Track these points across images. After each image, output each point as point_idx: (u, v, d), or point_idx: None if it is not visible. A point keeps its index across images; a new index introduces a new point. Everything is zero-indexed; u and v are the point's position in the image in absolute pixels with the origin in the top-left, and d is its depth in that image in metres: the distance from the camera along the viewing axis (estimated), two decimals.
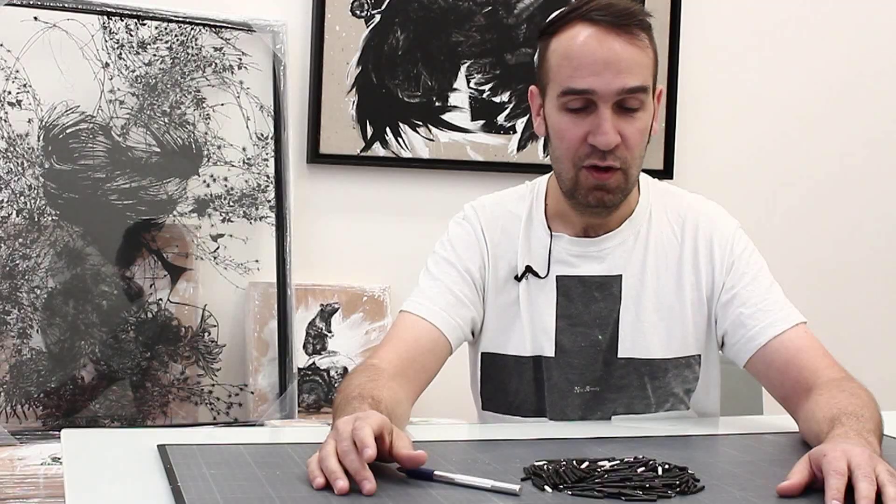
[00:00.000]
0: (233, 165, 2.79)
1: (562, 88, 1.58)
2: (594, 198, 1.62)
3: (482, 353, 1.73)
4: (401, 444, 1.24)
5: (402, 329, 1.65)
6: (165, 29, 2.71)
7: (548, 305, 1.68)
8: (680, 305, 1.69)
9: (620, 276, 1.69)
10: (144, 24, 2.69)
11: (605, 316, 1.68)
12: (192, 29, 2.73)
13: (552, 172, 1.75)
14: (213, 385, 2.76)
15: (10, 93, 2.61)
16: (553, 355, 1.68)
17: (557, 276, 1.69)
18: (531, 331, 1.69)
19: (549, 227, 1.71)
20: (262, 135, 2.81)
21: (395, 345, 1.62)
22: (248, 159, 2.80)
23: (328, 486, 1.17)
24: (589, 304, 1.68)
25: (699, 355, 1.71)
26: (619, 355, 1.68)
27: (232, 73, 2.77)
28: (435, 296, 1.67)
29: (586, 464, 1.29)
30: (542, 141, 3.03)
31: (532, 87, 1.69)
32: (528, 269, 1.70)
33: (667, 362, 1.69)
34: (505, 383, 1.71)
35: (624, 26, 1.57)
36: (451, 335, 1.65)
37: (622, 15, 1.57)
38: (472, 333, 1.72)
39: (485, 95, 3.00)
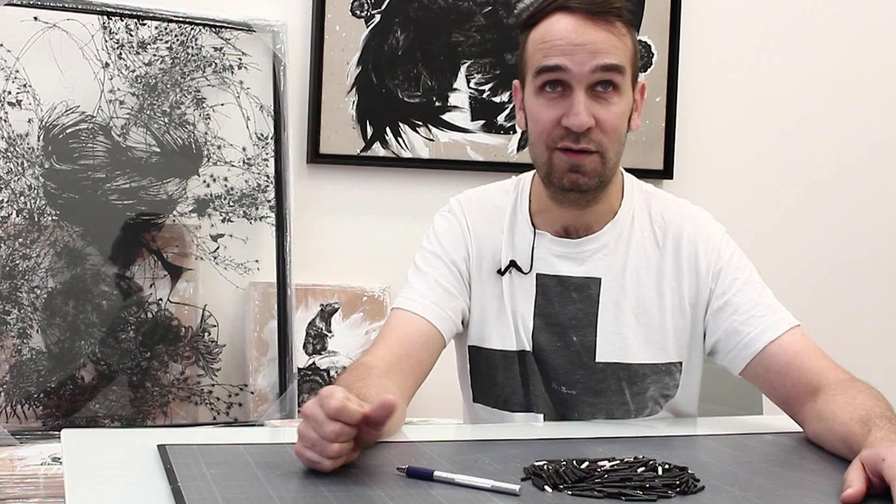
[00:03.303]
0: (233, 165, 2.79)
1: (535, 69, 1.60)
2: (569, 180, 1.60)
3: (469, 347, 1.73)
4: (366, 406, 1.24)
5: (393, 325, 1.65)
6: (165, 29, 2.71)
7: (527, 302, 1.69)
8: (660, 311, 1.68)
9: (600, 279, 1.68)
10: (144, 24, 2.69)
11: (580, 318, 1.68)
12: (192, 29, 2.73)
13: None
14: (213, 385, 2.76)
15: (10, 93, 2.61)
16: (532, 351, 1.68)
17: (538, 274, 1.69)
18: (515, 325, 1.69)
19: (532, 224, 1.71)
20: (262, 135, 2.81)
21: (387, 341, 1.62)
22: (248, 159, 2.80)
23: (334, 472, 1.18)
24: (566, 304, 1.68)
25: (680, 363, 1.70)
26: (598, 359, 1.67)
27: (232, 73, 2.77)
28: (424, 290, 1.67)
29: (586, 464, 1.29)
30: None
31: (514, 82, 1.71)
32: (512, 264, 1.70)
33: (645, 367, 1.68)
34: (492, 377, 1.71)
35: (600, 14, 1.59)
36: (443, 327, 1.65)
37: (598, 3, 1.59)
38: (463, 324, 1.72)
39: (485, 95, 3.00)
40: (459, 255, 1.71)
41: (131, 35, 2.68)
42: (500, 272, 1.70)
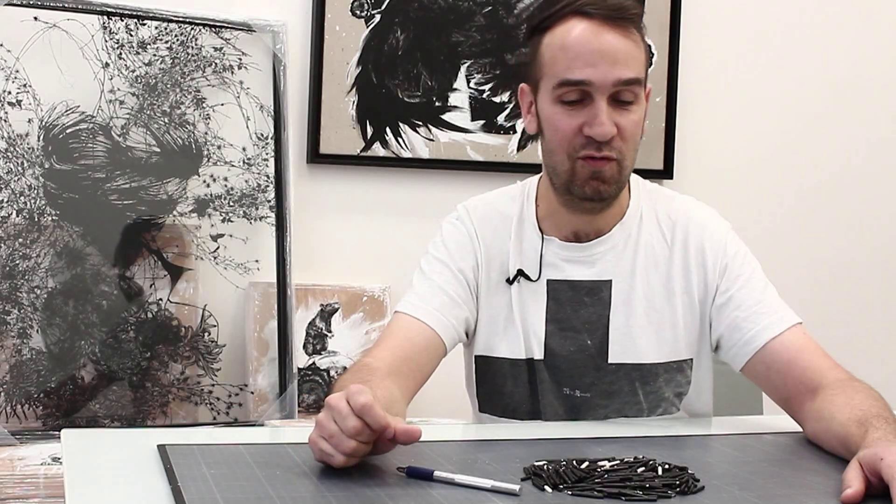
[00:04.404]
0: (233, 165, 2.79)
1: (557, 80, 1.58)
2: (591, 188, 1.61)
3: (476, 356, 1.72)
4: (396, 420, 1.24)
5: (395, 329, 1.65)
6: (165, 29, 2.71)
7: (538, 309, 1.68)
8: (670, 309, 1.68)
9: (610, 280, 1.68)
10: (144, 24, 2.69)
11: (594, 321, 1.67)
12: (192, 29, 2.73)
13: (542, 173, 1.75)
14: (213, 385, 2.76)
15: (10, 93, 2.61)
16: (542, 358, 1.68)
17: (548, 280, 1.68)
18: (524, 333, 1.68)
19: (540, 230, 1.71)
20: (262, 135, 2.81)
21: (389, 344, 1.62)
22: (248, 159, 2.80)
23: (334, 472, 1.18)
24: (578, 308, 1.68)
25: (691, 359, 1.70)
26: (610, 361, 1.67)
27: (232, 73, 2.77)
28: (428, 296, 1.67)
29: (586, 464, 1.29)
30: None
31: (522, 85, 1.69)
32: (520, 273, 1.69)
33: (658, 367, 1.68)
34: (500, 386, 1.71)
35: (618, 20, 1.58)
36: (444, 335, 1.65)
37: (616, 9, 1.58)
38: (466, 334, 1.71)
39: (485, 95, 3.00)
40: (467, 263, 1.70)
41: (131, 35, 2.68)
42: (509, 281, 1.70)
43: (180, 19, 2.71)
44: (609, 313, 1.67)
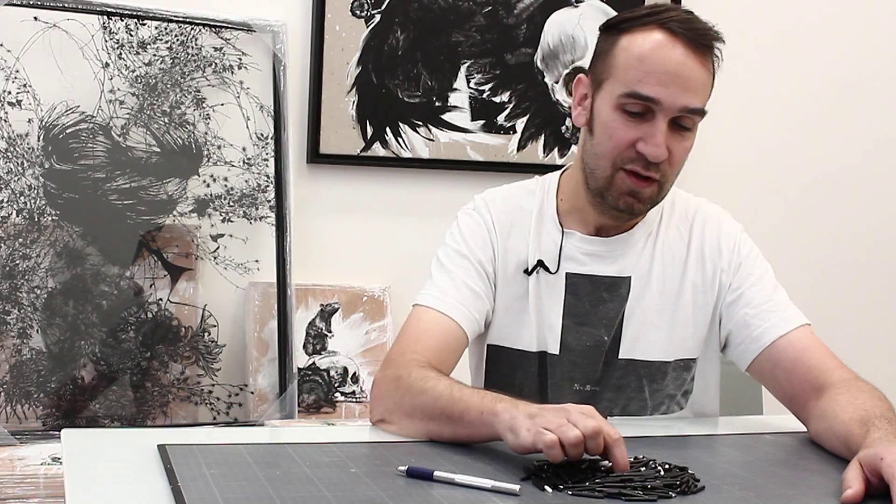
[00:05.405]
0: (233, 165, 2.79)
1: (626, 90, 1.58)
2: (624, 203, 1.62)
3: (488, 346, 1.72)
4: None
5: (429, 325, 1.63)
6: (165, 29, 2.71)
7: (555, 302, 1.68)
8: (682, 307, 1.69)
9: (629, 277, 1.69)
10: (144, 24, 2.69)
11: (611, 317, 1.68)
12: (192, 29, 2.73)
13: (565, 169, 1.75)
14: (213, 385, 2.76)
15: (10, 93, 2.61)
16: (557, 353, 1.68)
17: (567, 274, 1.69)
18: (538, 326, 1.69)
19: (560, 224, 1.71)
20: (262, 135, 2.81)
21: (429, 344, 1.60)
22: (248, 159, 2.80)
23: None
24: (597, 304, 1.68)
25: (696, 358, 1.71)
26: (620, 356, 1.68)
27: (232, 73, 2.77)
28: (453, 290, 1.65)
29: (586, 464, 1.29)
30: (542, 141, 3.03)
31: (581, 76, 1.67)
32: (540, 264, 1.69)
33: (666, 365, 1.69)
34: (510, 377, 1.71)
35: (701, 45, 1.58)
36: (468, 329, 1.65)
37: (701, 34, 1.58)
38: (484, 325, 1.71)
39: (485, 95, 3.00)
40: (486, 255, 1.70)
41: (131, 35, 2.68)
42: (528, 272, 1.69)
43: (180, 19, 2.71)
44: (624, 309, 1.68)
